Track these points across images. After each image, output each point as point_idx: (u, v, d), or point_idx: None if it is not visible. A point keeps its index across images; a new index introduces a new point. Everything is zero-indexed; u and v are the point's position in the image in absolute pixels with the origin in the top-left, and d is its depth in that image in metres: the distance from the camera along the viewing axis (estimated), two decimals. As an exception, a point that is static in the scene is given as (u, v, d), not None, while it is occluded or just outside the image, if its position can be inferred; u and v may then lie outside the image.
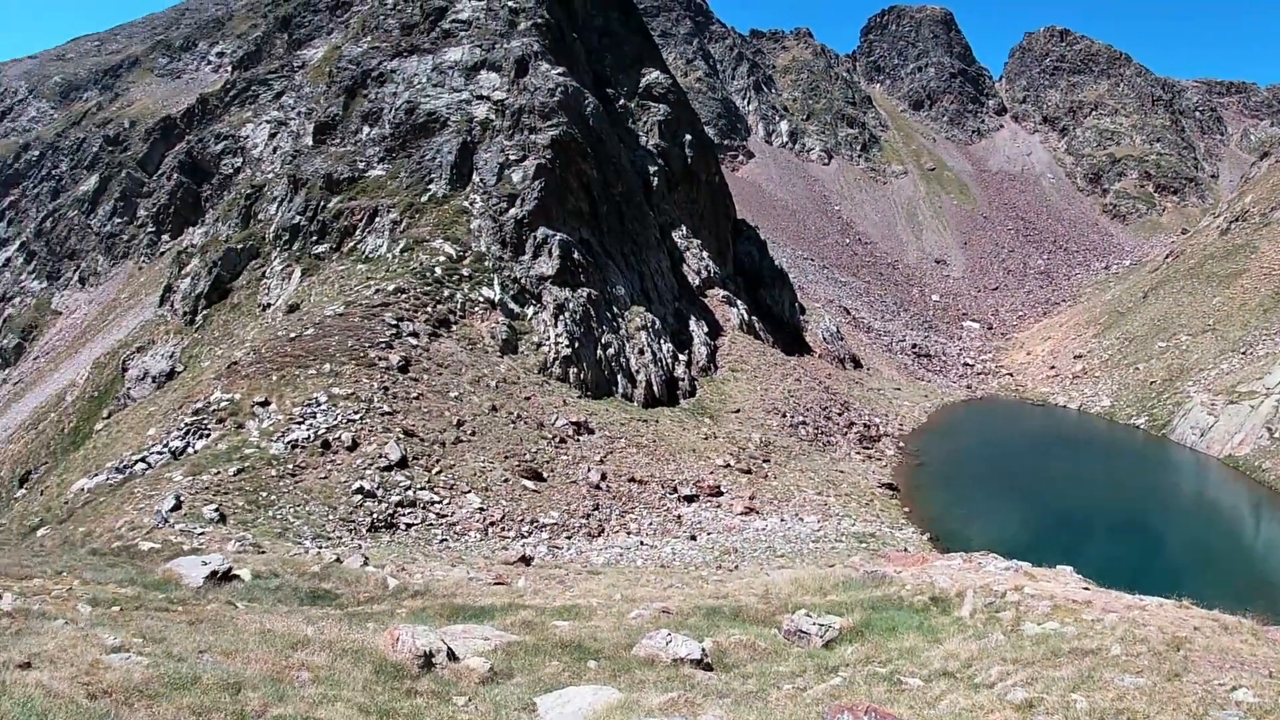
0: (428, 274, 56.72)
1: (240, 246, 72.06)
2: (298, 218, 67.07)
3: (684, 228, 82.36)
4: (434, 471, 39.30)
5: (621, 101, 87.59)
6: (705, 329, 72.37)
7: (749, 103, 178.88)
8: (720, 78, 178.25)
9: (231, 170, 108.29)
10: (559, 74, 70.61)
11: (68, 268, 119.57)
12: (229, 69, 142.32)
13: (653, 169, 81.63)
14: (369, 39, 79.66)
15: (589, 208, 67.27)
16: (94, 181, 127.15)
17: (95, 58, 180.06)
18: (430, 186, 64.18)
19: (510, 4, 75.81)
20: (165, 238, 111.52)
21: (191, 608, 16.49)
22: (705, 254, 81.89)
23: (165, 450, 39.31)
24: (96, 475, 40.72)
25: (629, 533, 40.21)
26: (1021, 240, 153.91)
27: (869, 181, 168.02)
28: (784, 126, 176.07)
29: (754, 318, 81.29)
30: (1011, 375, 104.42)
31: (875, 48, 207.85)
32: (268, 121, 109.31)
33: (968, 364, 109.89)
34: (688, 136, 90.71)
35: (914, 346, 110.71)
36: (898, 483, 59.15)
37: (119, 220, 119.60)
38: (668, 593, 21.22)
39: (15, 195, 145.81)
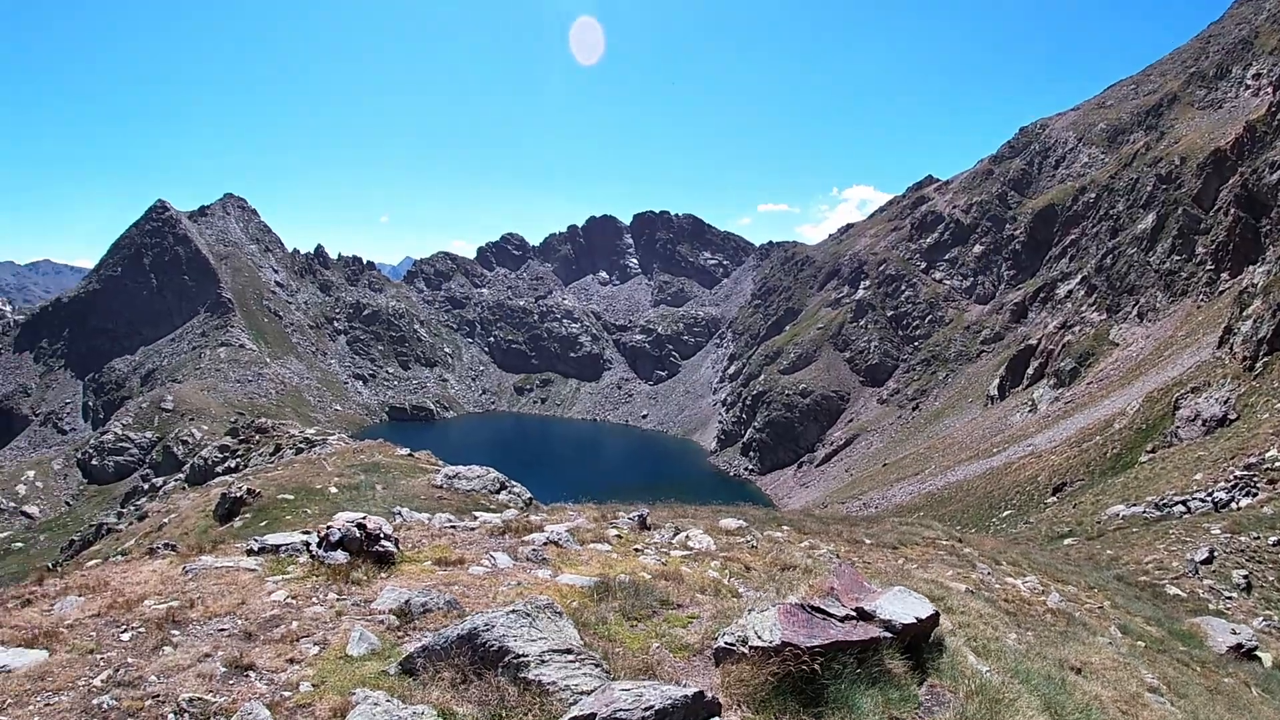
0: None
1: (1315, 291, 65.68)
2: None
3: None
4: None
5: None
6: None
7: None
8: None
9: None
10: None
11: (1126, 302, 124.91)
12: (1269, 90, 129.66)
13: None
14: None
15: None
16: (1150, 220, 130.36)
17: (1134, 100, 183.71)
18: None
19: None
20: (1224, 276, 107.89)
21: (1210, 673, 16.35)
22: None
23: (1208, 499, 38.54)
24: (1134, 505, 41.83)
25: None
26: None
27: None
28: None
29: None
30: None
31: None
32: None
33: None
34: None
35: None
36: None
37: (1177, 258, 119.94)
38: None
39: (1075, 234, 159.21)
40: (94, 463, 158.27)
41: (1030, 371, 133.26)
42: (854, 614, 7.65)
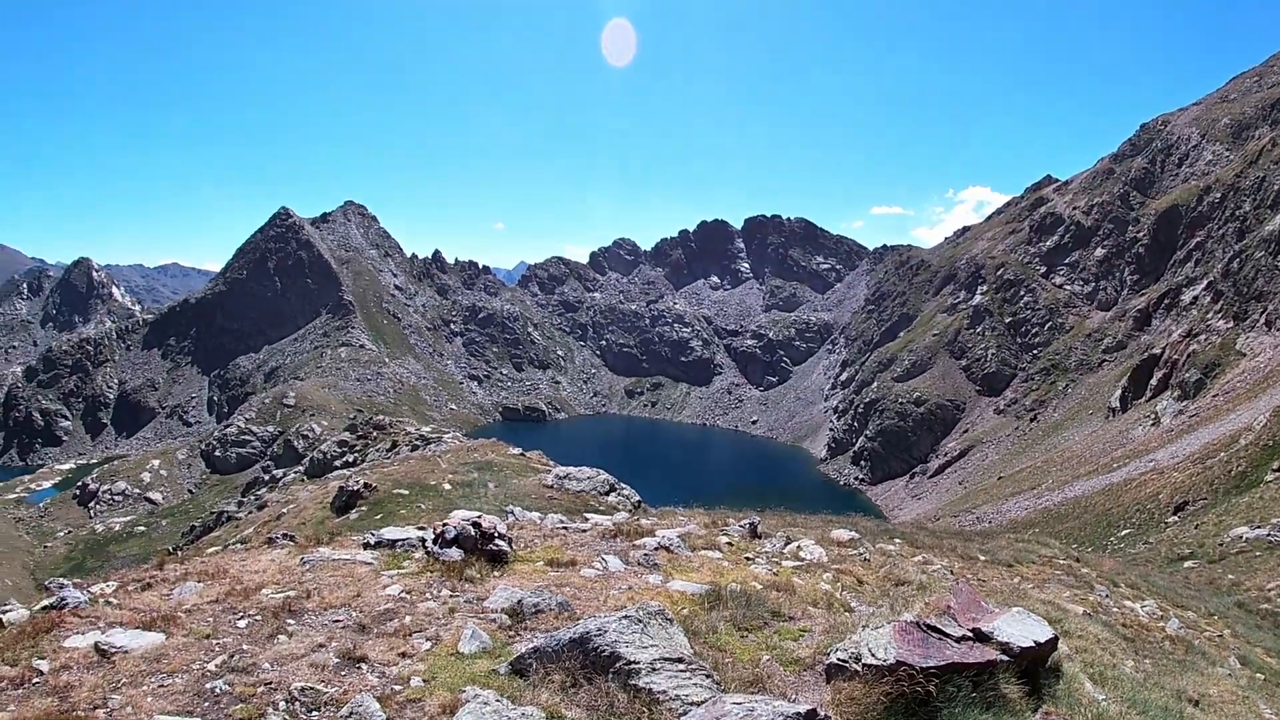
0: None
1: None
2: None
3: None
4: None
5: None
6: None
7: None
8: None
9: None
10: None
11: (1254, 309, 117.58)
12: None
13: None
14: None
15: None
16: (1278, 221, 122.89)
17: (1258, 93, 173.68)
18: None
19: None
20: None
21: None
22: None
23: None
24: (1258, 528, 39.99)
25: None
26: None
27: None
28: None
29: None
30: None
31: None
32: None
33: None
34: None
35: None
36: None
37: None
38: None
39: (1201, 237, 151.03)
40: (217, 453, 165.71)
41: (1154, 382, 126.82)
42: (970, 635, 7.38)
